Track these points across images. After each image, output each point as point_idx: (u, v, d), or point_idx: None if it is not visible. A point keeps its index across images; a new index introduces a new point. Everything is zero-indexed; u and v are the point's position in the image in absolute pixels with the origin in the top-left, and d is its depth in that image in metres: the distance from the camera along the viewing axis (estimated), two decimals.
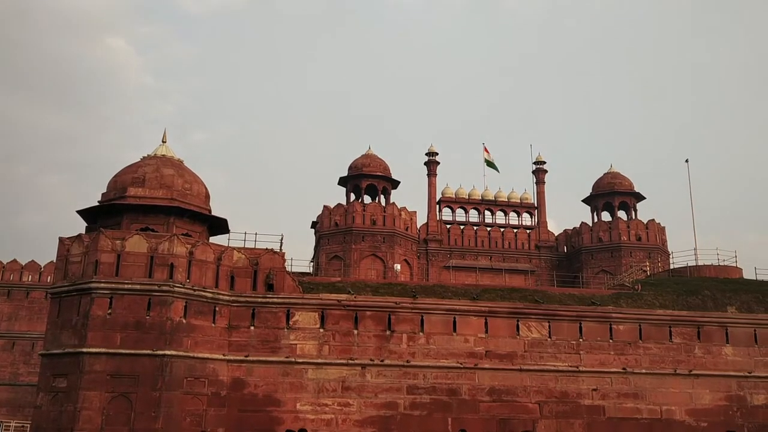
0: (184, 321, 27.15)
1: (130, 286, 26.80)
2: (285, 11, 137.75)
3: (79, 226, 31.24)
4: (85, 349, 25.80)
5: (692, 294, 33.97)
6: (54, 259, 29.55)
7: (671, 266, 44.85)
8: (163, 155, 31.75)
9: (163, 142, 32.61)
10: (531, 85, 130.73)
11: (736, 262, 40.35)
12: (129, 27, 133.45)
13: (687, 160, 49.05)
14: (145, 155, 31.82)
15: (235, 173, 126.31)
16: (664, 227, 55.66)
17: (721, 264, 39.86)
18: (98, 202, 30.33)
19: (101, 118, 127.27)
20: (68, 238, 28.44)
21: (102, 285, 26.58)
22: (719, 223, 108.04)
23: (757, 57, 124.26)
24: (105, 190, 30.63)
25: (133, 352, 26.10)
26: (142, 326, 26.50)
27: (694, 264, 39.97)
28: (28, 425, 35.32)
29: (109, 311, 26.40)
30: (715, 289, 34.55)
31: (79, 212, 30.27)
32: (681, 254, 75.01)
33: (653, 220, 55.01)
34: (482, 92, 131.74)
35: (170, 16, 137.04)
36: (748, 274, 38.83)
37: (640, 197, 56.86)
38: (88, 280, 26.70)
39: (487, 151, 59.31)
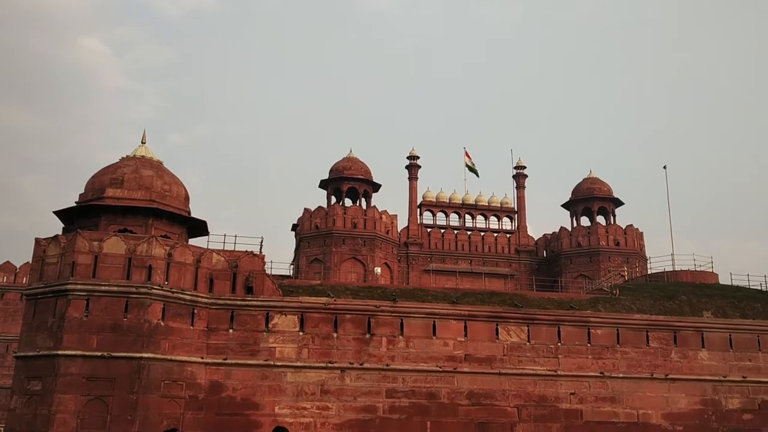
0: (162, 323, 26.91)
1: (107, 287, 26.51)
2: (261, 13, 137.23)
3: (56, 227, 30.97)
4: (60, 352, 25.48)
5: (669, 299, 34.33)
6: (30, 260, 29.17)
7: (649, 271, 45.33)
8: (143, 156, 31.50)
9: (142, 143, 32.36)
10: (512, 91, 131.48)
11: (712, 267, 40.88)
12: (104, 28, 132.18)
13: (665, 167, 49.68)
14: (124, 156, 31.55)
15: (215, 175, 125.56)
16: (642, 233, 56.19)
17: (697, 269, 40.32)
18: (75, 202, 30.01)
19: (77, 118, 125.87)
20: (44, 239, 28.09)
21: (79, 286, 26.29)
22: (696, 229, 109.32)
23: (734, 65, 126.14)
24: (82, 191, 30.31)
25: (109, 354, 25.80)
26: (120, 328, 26.23)
27: (671, 269, 40.40)
28: (2, 428, 34.83)
29: (86, 313, 26.10)
30: (692, 294, 34.94)
31: (56, 213, 29.94)
32: (658, 259, 75.85)
33: (631, 225, 55.51)
34: (463, 97, 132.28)
35: (145, 18, 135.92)
36: (723, 280, 39.34)
37: (618, 203, 57.36)
38: (65, 282, 26.39)
39: (468, 156, 59.45)
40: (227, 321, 28.59)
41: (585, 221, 57.52)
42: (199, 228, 31.87)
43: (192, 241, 31.50)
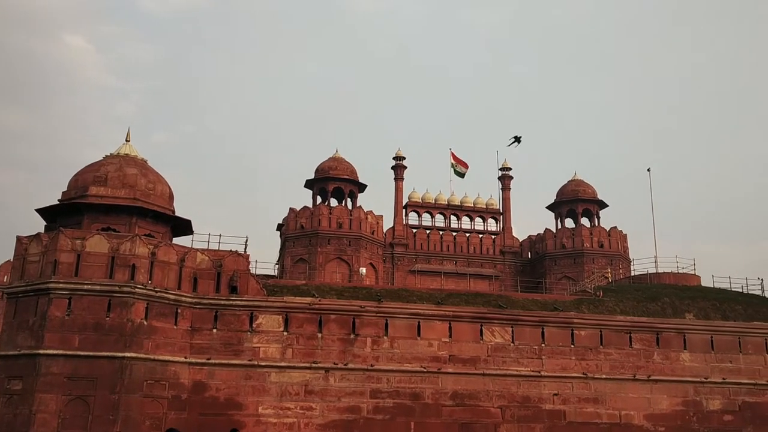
0: (145, 323, 26.74)
1: (89, 286, 26.31)
2: (247, 12, 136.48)
3: (38, 225, 30.65)
4: (41, 351, 25.26)
5: (652, 300, 34.61)
6: (11, 258, 28.88)
7: (632, 273, 45.65)
8: (127, 154, 31.31)
9: (126, 141, 32.15)
10: (498, 92, 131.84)
11: (694, 269, 41.24)
12: (88, 25, 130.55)
13: (649, 169, 50.00)
14: (108, 154, 31.33)
15: (199, 174, 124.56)
16: (625, 234, 56.58)
17: (680, 272, 40.68)
18: (58, 200, 29.76)
19: (60, 116, 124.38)
20: (26, 237, 27.83)
21: (61, 285, 26.07)
22: (679, 232, 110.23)
23: (720, 69, 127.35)
24: (65, 189, 30.06)
25: (91, 354, 25.63)
26: (102, 328, 26.04)
27: (654, 271, 40.71)
28: None
29: (68, 312, 25.89)
30: (674, 296, 35.26)
31: (39, 211, 29.68)
32: (642, 261, 76.53)
33: (615, 227, 55.88)
34: (450, 98, 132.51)
35: (130, 16, 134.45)
36: (706, 282, 39.70)
37: (603, 205, 57.72)
38: (47, 280, 26.16)
39: (454, 157, 59.56)
40: (211, 321, 28.46)
41: (569, 223, 57.84)
42: (184, 227, 31.72)
43: (176, 240, 31.34)
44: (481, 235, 58.16)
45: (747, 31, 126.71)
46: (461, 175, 59.29)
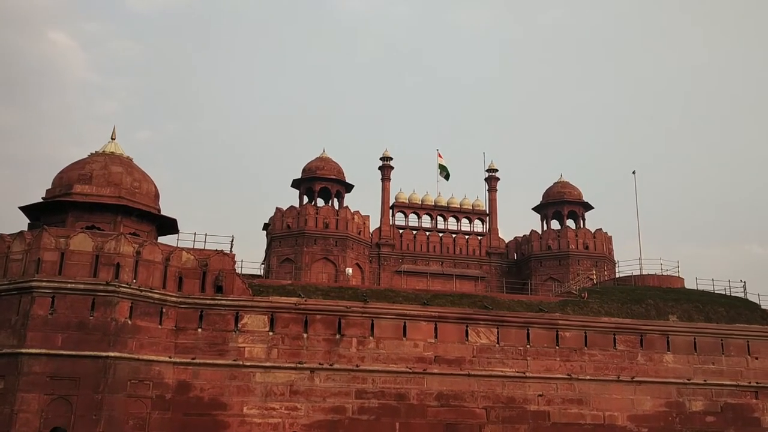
0: (129, 322, 26.58)
1: (73, 285, 26.12)
2: (234, 11, 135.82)
3: (22, 223, 30.39)
4: (24, 350, 25.03)
5: (636, 302, 34.84)
6: None
7: (617, 275, 45.95)
8: (112, 152, 31.14)
9: (112, 139, 31.99)
10: (486, 93, 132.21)
11: (678, 272, 41.53)
12: (73, 22, 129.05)
13: (634, 172, 50.30)
14: (93, 152, 31.13)
15: (185, 173, 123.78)
16: (610, 237, 56.90)
17: (664, 274, 40.97)
18: (42, 198, 29.54)
19: (43, 113, 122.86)
20: (9, 234, 27.56)
21: (44, 284, 25.85)
22: (663, 234, 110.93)
23: (708, 71, 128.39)
24: (48, 186, 29.85)
25: (74, 353, 25.43)
26: (85, 327, 25.85)
27: (639, 273, 40.98)
28: None
29: (51, 311, 25.68)
30: (658, 297, 35.51)
31: (22, 208, 29.46)
32: (626, 263, 76.85)
33: (600, 229, 56.17)
34: (437, 99, 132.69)
35: (115, 13, 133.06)
36: (689, 284, 39.99)
37: (588, 207, 58.01)
38: (30, 279, 25.93)
39: (441, 157, 59.66)
40: (196, 320, 28.34)
41: (555, 225, 58.08)
42: (169, 226, 31.58)
43: (162, 239, 31.20)
44: (467, 236, 58.27)
45: (740, 36, 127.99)
46: (446, 176, 59.38)
